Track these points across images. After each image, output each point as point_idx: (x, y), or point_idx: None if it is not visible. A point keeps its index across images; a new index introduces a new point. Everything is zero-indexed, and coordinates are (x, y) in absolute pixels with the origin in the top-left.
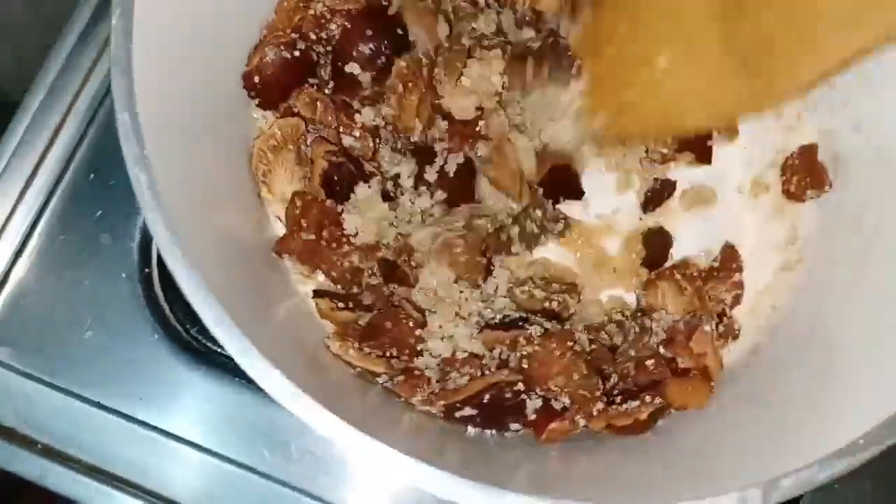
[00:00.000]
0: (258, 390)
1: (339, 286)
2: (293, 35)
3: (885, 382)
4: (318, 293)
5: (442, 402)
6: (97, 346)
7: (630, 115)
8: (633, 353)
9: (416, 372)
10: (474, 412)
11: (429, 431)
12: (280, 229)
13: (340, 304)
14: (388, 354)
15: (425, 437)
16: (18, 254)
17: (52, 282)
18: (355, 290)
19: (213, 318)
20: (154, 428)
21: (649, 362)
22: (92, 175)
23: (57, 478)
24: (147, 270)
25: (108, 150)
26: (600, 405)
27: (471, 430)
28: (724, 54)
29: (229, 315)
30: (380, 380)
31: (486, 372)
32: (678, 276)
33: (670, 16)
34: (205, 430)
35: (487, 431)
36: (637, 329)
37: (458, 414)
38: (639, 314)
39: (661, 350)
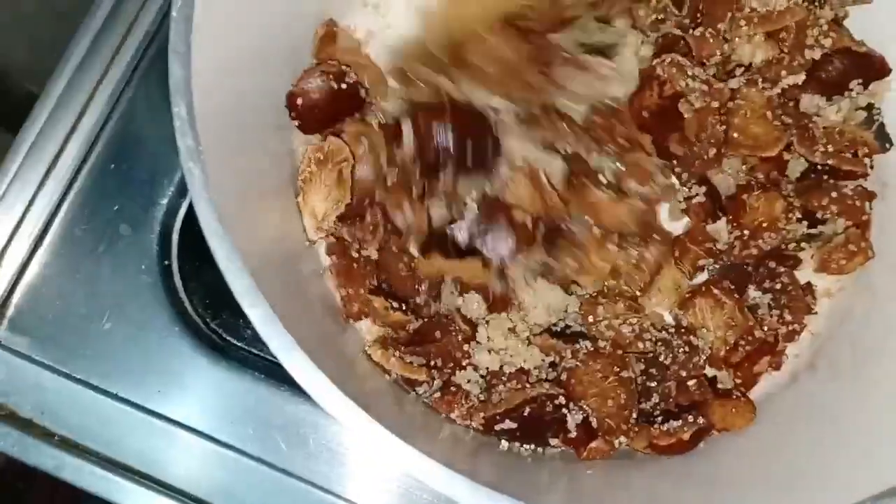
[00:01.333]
0: (276, 384)
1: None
2: (344, 67)
3: None
4: (373, 291)
5: (482, 415)
6: (116, 337)
7: None
8: (683, 373)
9: (454, 388)
10: (514, 426)
11: (464, 444)
12: (313, 236)
13: (395, 305)
14: (431, 364)
15: (461, 450)
16: (37, 244)
17: (71, 273)
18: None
19: (260, 316)
20: (172, 420)
21: (691, 383)
22: (112, 165)
23: (73, 470)
24: (167, 262)
25: (128, 140)
26: (629, 431)
27: (505, 444)
28: None
29: (275, 313)
30: (419, 390)
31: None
32: (716, 291)
33: None
34: (221, 422)
35: (524, 447)
36: (686, 348)
37: (497, 427)
38: (683, 331)
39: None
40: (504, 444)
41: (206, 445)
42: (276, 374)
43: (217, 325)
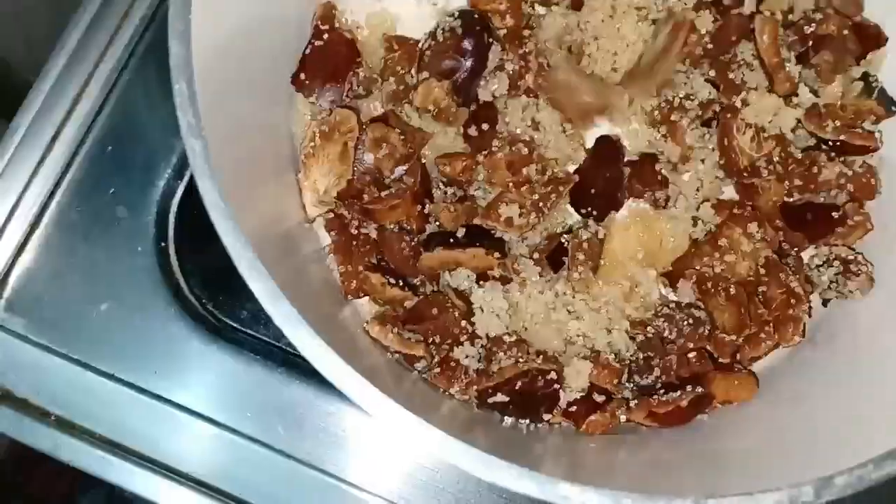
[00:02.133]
0: (273, 366)
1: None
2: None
3: None
4: (371, 267)
5: (475, 388)
6: (112, 318)
7: None
8: (690, 344)
9: (453, 363)
10: (506, 399)
11: (463, 419)
12: (313, 213)
13: (392, 280)
14: (429, 341)
15: (459, 422)
16: (34, 226)
17: (68, 254)
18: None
19: (264, 290)
20: (168, 401)
21: (691, 356)
22: (109, 148)
23: (70, 450)
24: (163, 244)
25: (124, 124)
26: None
27: (507, 420)
28: None
29: (278, 286)
30: (418, 366)
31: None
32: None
33: None
34: (218, 404)
35: (522, 422)
36: (690, 321)
37: (490, 400)
38: (687, 306)
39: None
40: (506, 420)
41: (202, 426)
42: (272, 356)
43: (213, 307)
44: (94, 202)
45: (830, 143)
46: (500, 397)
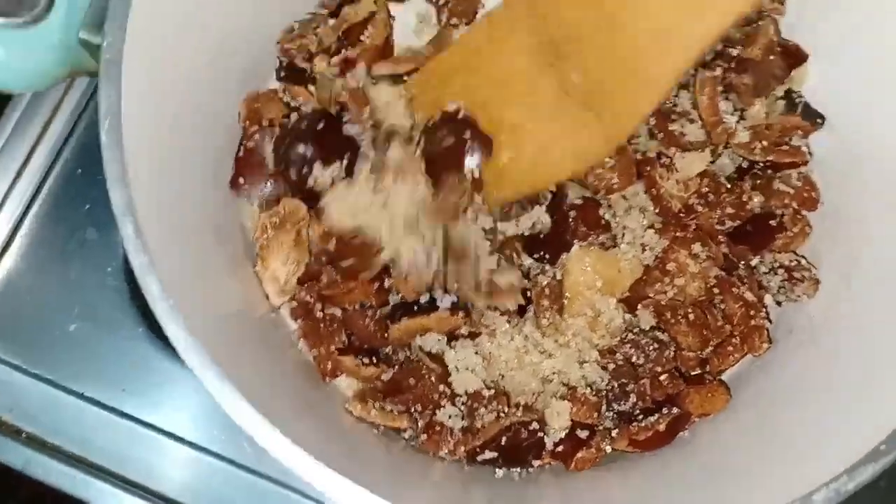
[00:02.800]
0: None
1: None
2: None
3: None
4: (342, 350)
5: (463, 448)
6: (82, 338)
7: (505, 178)
8: (658, 368)
9: (438, 427)
10: (495, 454)
11: (456, 480)
12: (277, 301)
13: (365, 360)
14: (411, 410)
15: (452, 486)
16: (6, 248)
17: (39, 274)
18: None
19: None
20: (137, 420)
21: (663, 378)
22: (79, 170)
23: (41, 467)
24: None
25: (95, 146)
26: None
27: (499, 472)
28: (566, 103)
29: (234, 382)
30: (405, 435)
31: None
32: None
33: (499, 81)
34: (188, 422)
35: (514, 471)
36: (655, 344)
37: (480, 458)
38: (649, 329)
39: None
40: (498, 472)
41: (171, 444)
42: None
43: None
44: (65, 225)
45: (761, 163)
46: (489, 454)
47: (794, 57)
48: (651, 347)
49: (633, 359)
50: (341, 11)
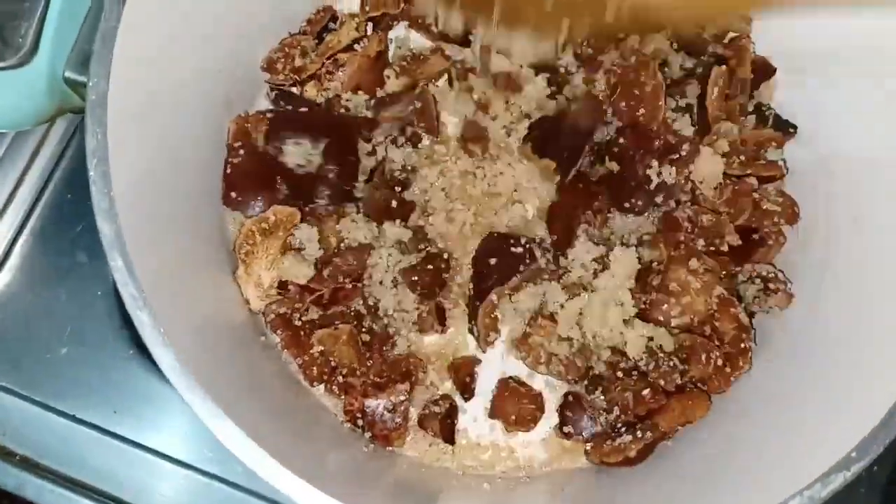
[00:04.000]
0: None
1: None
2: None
3: (867, 393)
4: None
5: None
6: (73, 361)
7: None
8: (662, 382)
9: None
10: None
11: (420, 480)
12: (258, 306)
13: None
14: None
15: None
16: None
17: (30, 298)
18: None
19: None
20: (128, 441)
21: (645, 392)
22: (69, 195)
23: (34, 489)
24: None
25: (84, 171)
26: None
27: (486, 486)
28: None
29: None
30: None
31: None
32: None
33: None
34: (179, 442)
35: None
36: (670, 364)
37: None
38: (675, 350)
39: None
40: (486, 485)
41: (163, 465)
42: None
43: None
44: (55, 247)
45: (736, 177)
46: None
47: (762, 71)
48: (667, 364)
49: (643, 363)
50: (324, 39)
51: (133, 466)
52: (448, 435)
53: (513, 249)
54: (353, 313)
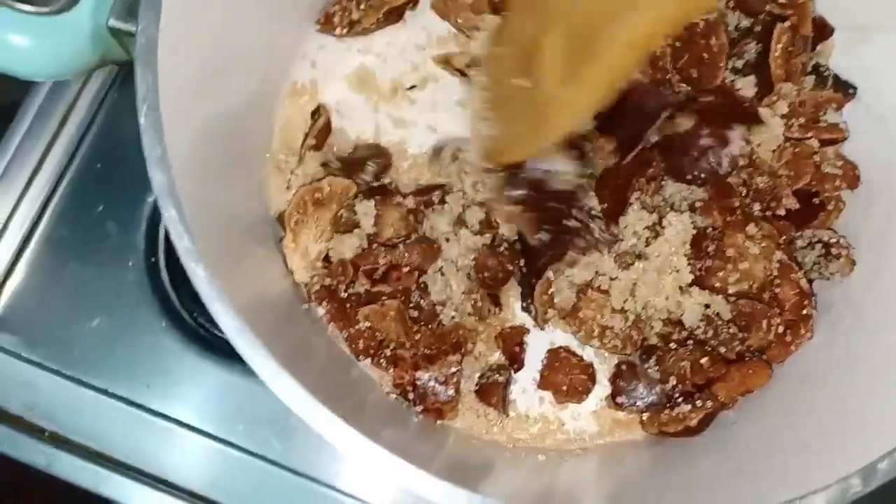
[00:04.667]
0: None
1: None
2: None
3: None
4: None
5: None
6: (104, 334)
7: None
8: (722, 350)
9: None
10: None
11: (471, 453)
12: (303, 277)
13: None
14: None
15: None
16: (26, 242)
17: (59, 271)
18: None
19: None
20: (161, 415)
21: (704, 360)
22: (98, 165)
23: (64, 465)
24: (153, 259)
25: (113, 140)
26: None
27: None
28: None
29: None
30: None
31: None
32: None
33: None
34: (212, 417)
35: (542, 457)
36: (730, 331)
37: None
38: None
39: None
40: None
41: (195, 438)
42: None
43: (205, 320)
44: (84, 219)
45: (796, 140)
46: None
47: (820, 31)
48: (727, 332)
49: (699, 331)
50: None
51: (165, 441)
52: (504, 406)
53: (565, 223)
54: (401, 288)
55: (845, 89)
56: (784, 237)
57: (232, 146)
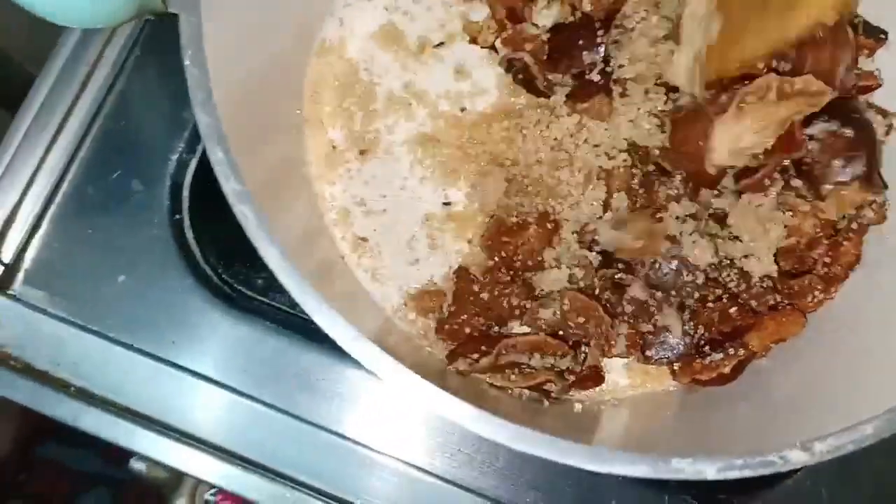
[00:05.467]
0: (289, 333)
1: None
2: None
3: None
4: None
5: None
6: (129, 290)
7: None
8: (754, 304)
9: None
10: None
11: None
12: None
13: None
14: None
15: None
16: (50, 201)
17: (84, 227)
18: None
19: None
20: (187, 370)
21: (733, 310)
22: (122, 122)
23: (90, 419)
24: (178, 216)
25: (137, 98)
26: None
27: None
28: None
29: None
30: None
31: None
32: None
33: None
34: (236, 372)
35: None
36: (763, 285)
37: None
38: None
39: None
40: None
41: (220, 393)
42: (288, 324)
43: (229, 276)
44: (108, 176)
45: None
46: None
47: None
48: (760, 286)
49: (733, 285)
50: None
51: (191, 396)
52: None
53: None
54: None
55: (876, 34)
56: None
57: (266, 100)
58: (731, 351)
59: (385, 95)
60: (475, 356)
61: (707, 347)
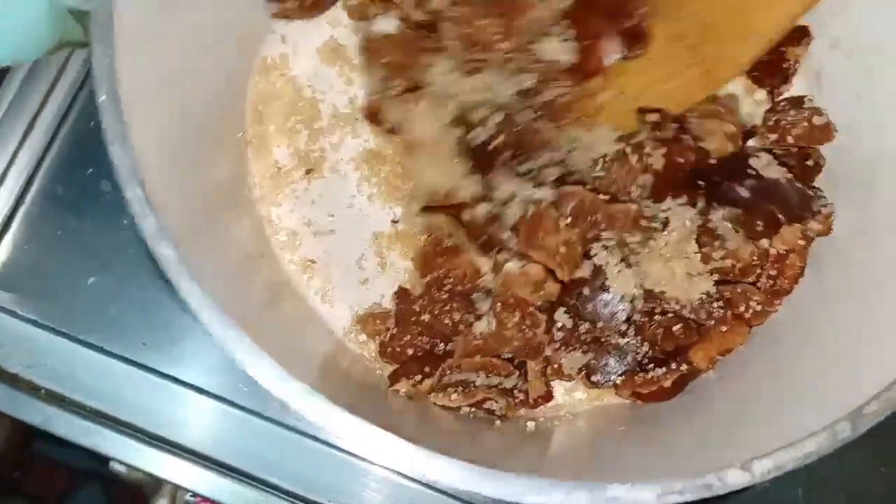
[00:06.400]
0: None
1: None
2: None
3: None
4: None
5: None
6: (100, 292)
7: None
8: (697, 316)
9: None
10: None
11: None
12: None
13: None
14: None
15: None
16: (19, 202)
17: (54, 229)
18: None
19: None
20: (158, 373)
21: (676, 327)
22: (92, 123)
23: (61, 423)
24: None
25: None
26: None
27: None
28: (675, 49)
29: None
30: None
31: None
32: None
33: None
34: (209, 375)
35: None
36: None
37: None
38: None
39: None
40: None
41: (193, 397)
42: None
43: None
44: (78, 177)
45: None
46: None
47: None
48: (715, 305)
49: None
50: None
51: (163, 399)
52: None
53: None
54: None
55: None
56: None
57: (205, 124)
58: (674, 366)
59: (330, 112)
60: (418, 377)
61: (651, 365)
